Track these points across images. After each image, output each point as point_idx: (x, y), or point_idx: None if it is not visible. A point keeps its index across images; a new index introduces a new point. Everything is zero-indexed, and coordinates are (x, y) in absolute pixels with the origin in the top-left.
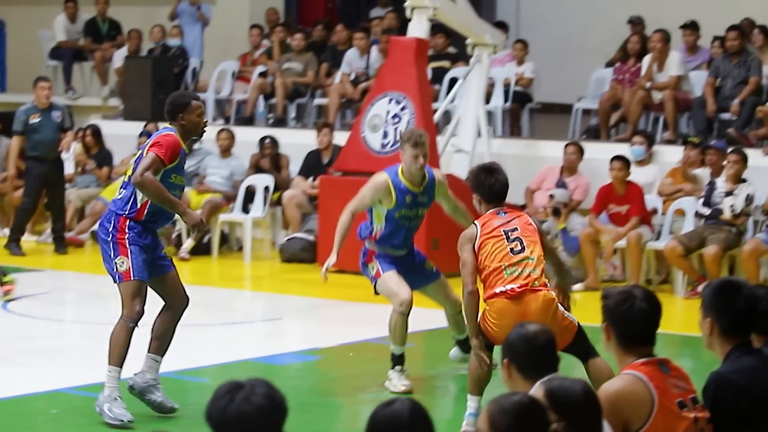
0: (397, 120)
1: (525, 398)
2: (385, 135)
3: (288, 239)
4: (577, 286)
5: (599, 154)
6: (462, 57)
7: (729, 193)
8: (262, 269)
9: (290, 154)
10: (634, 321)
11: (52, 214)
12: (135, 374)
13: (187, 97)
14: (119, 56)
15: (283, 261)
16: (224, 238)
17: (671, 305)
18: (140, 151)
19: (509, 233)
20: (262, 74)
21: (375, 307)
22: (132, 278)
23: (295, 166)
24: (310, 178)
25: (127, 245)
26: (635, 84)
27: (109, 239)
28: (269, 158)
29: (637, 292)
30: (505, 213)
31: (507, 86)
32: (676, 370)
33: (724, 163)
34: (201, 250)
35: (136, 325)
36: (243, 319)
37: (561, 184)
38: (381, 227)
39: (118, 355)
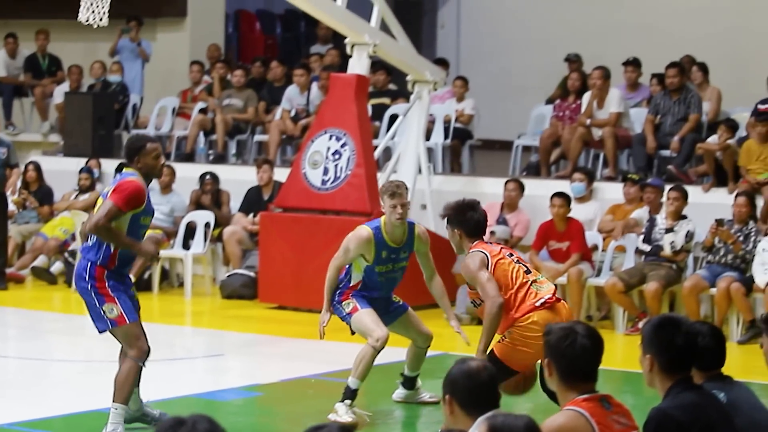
0: (337, 156)
1: None
2: (326, 171)
3: (229, 275)
4: None
5: (539, 190)
6: (402, 94)
7: (669, 230)
8: (203, 305)
9: (231, 191)
10: (575, 357)
11: None
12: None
13: (143, 140)
14: (59, 92)
15: (224, 297)
16: (165, 274)
17: (612, 341)
18: (104, 192)
19: (512, 256)
20: (203, 110)
21: (315, 344)
22: (127, 322)
23: (235, 203)
24: (251, 215)
25: (111, 292)
26: (575, 121)
27: (89, 289)
28: (210, 194)
29: (579, 328)
30: (490, 243)
31: (447, 123)
32: (618, 407)
33: (664, 200)
34: (142, 285)
35: (144, 363)
36: (184, 355)
37: (501, 221)
38: (360, 278)
39: (127, 393)
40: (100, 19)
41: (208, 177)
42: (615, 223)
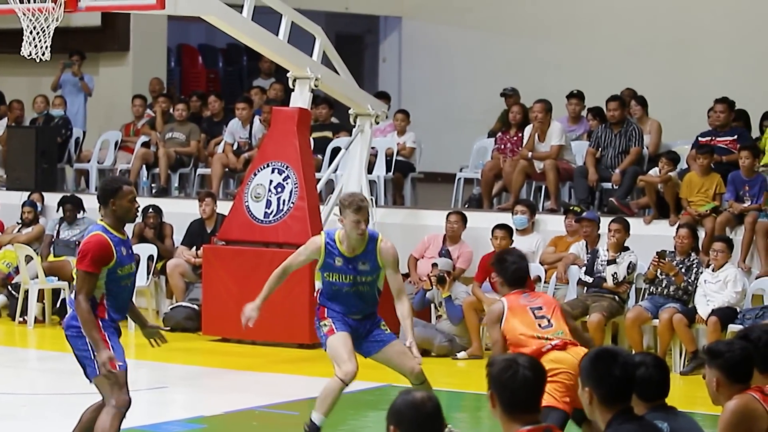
0: (280, 189)
1: None
2: (269, 204)
3: (172, 308)
4: (461, 354)
5: (482, 223)
6: (344, 127)
7: (611, 262)
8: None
9: (174, 224)
10: (517, 389)
11: None
12: None
13: (118, 182)
14: (1, 126)
15: (167, 330)
16: None
17: None
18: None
19: (535, 311)
20: (145, 144)
21: (259, 376)
22: (117, 369)
23: (178, 236)
24: (194, 248)
25: (107, 339)
26: (517, 154)
27: (75, 336)
28: (153, 228)
29: (521, 360)
30: (527, 294)
31: (389, 156)
32: None
33: (604, 231)
34: None
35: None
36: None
37: (444, 253)
38: (320, 286)
39: None
40: (43, 54)
41: (150, 210)
42: (557, 255)
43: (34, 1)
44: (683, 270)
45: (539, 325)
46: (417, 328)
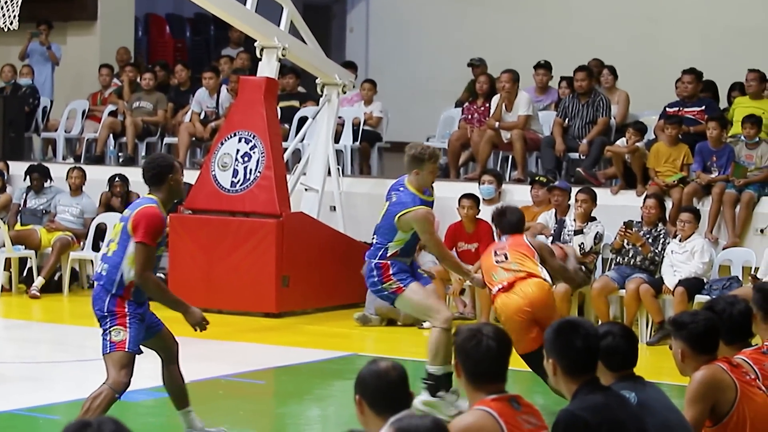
0: (247, 159)
1: None
2: (235, 173)
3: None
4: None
5: (448, 192)
6: (311, 97)
7: (578, 232)
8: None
9: (140, 193)
10: (482, 358)
11: None
12: None
13: (171, 158)
14: None
15: None
16: (75, 276)
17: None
18: (122, 225)
19: (498, 249)
20: (113, 113)
21: (225, 345)
22: (126, 349)
23: None
24: None
25: (127, 320)
26: (484, 124)
27: (105, 313)
28: (120, 196)
29: (486, 329)
30: (507, 237)
31: (356, 125)
32: (527, 407)
33: (572, 202)
34: (52, 287)
35: (119, 397)
36: (94, 356)
37: None
38: (400, 248)
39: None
40: (11, 23)
41: (117, 179)
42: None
43: None
44: (650, 240)
45: (495, 261)
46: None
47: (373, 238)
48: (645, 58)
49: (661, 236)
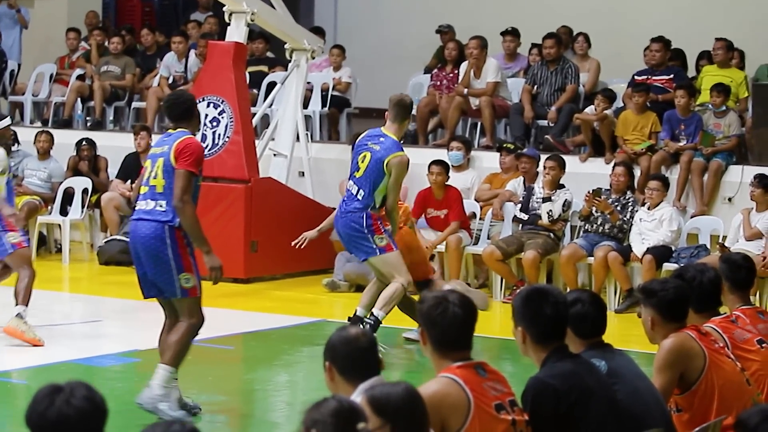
0: (215, 124)
1: (342, 403)
2: (204, 138)
3: (106, 241)
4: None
5: (417, 159)
6: (280, 62)
7: (547, 199)
8: (81, 271)
9: (108, 157)
10: (447, 326)
11: None
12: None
13: (190, 95)
14: None
15: (102, 263)
16: (42, 240)
17: (490, 309)
18: (160, 153)
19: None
20: (80, 77)
21: None
22: (197, 294)
23: (113, 169)
24: (128, 181)
25: (191, 261)
26: (453, 90)
27: (168, 253)
28: (87, 161)
29: (452, 297)
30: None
31: (325, 91)
32: (493, 374)
33: (540, 169)
34: None
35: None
36: (61, 321)
37: None
38: (381, 197)
39: (182, 358)
40: None
41: (85, 143)
42: (492, 191)
43: None
44: (618, 208)
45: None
46: (351, 263)
47: (357, 192)
48: (613, 25)
49: (630, 204)
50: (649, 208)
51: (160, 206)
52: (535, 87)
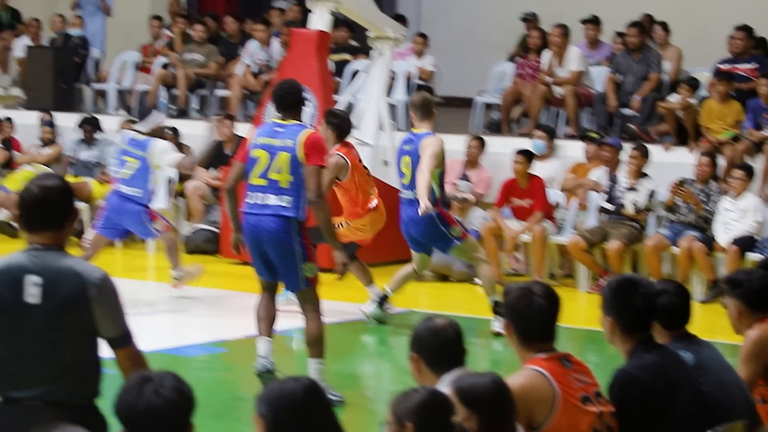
0: None
1: (431, 394)
2: None
3: (193, 231)
4: (479, 280)
5: (500, 148)
6: (364, 50)
7: (631, 189)
8: (166, 260)
9: (192, 146)
10: (532, 317)
11: None
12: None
13: (300, 86)
14: (19, 45)
15: (187, 252)
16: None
17: (575, 300)
18: (281, 147)
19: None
20: (164, 65)
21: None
22: (317, 284)
23: None
24: (210, 168)
25: (313, 251)
26: (537, 78)
27: (293, 243)
28: None
29: (536, 288)
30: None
31: (409, 79)
32: (578, 365)
33: (624, 158)
34: None
35: None
36: (147, 311)
37: (463, 177)
38: (439, 189)
39: (324, 347)
40: None
41: (168, 131)
42: (577, 181)
43: None
44: (703, 198)
45: None
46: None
47: (411, 193)
48: (695, 12)
49: (714, 194)
50: (733, 198)
51: (286, 202)
52: (619, 76)
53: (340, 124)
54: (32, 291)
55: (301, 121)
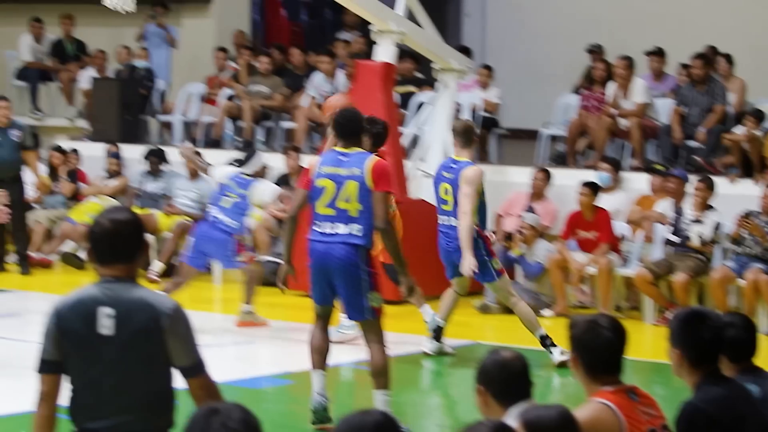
0: None
1: (499, 427)
2: None
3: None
4: (545, 312)
5: (566, 180)
6: (429, 82)
7: (696, 221)
8: (233, 292)
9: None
10: (599, 350)
11: (14, 235)
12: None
13: (360, 113)
14: (85, 77)
15: None
16: None
17: (641, 332)
18: (348, 176)
19: None
20: (230, 97)
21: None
22: (381, 314)
23: None
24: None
25: (379, 281)
26: (601, 110)
27: (360, 272)
28: None
29: (603, 320)
30: None
31: (474, 111)
32: (645, 398)
33: (690, 191)
34: (171, 272)
35: None
36: (214, 342)
37: (529, 210)
38: (482, 218)
39: (389, 379)
40: (129, 5)
41: (234, 163)
42: (643, 213)
43: None
44: None
45: None
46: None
47: (452, 221)
48: (759, 43)
49: None
50: None
51: (356, 230)
52: (684, 107)
53: (380, 132)
54: (105, 323)
55: (363, 149)
